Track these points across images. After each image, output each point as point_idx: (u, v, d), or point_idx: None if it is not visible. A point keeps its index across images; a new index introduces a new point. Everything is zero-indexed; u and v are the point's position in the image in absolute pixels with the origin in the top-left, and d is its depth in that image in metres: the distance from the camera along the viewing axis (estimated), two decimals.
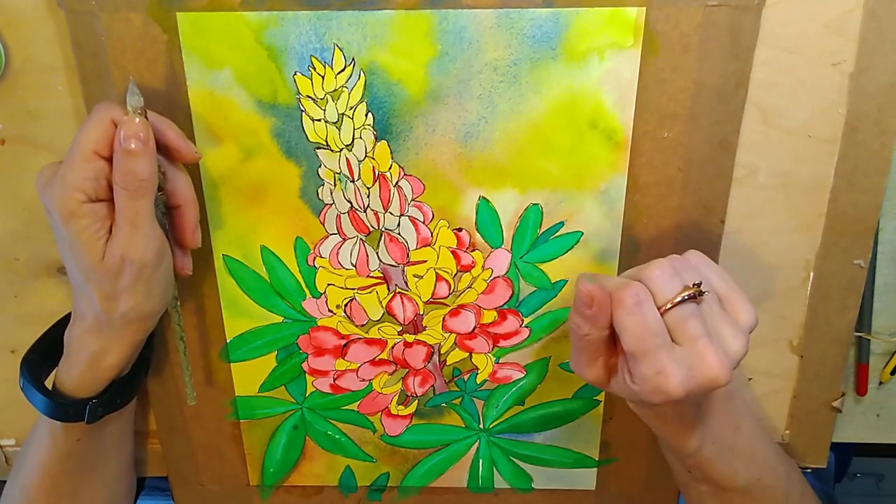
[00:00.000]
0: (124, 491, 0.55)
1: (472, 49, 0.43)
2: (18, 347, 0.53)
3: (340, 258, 0.49)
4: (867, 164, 0.46)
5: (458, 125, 0.45)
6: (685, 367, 0.37)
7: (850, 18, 0.43)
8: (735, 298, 0.40)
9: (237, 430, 0.55)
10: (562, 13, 0.42)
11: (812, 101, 0.45)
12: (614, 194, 0.47)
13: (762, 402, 0.54)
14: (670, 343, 0.37)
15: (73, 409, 0.46)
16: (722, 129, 0.45)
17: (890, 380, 0.54)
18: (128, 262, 0.40)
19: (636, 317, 0.37)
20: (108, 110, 0.39)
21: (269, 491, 0.58)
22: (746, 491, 0.46)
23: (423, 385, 0.53)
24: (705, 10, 0.42)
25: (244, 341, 0.52)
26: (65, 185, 0.39)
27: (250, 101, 0.45)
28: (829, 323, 0.51)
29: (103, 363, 0.45)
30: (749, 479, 0.46)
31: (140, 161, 0.39)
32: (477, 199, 0.47)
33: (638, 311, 0.37)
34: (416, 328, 0.51)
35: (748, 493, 0.46)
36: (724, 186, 0.46)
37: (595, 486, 0.57)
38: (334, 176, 0.47)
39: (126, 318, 0.43)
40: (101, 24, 0.42)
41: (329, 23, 0.42)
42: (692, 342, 0.37)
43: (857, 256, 0.49)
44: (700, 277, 0.39)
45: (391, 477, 0.57)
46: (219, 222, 0.48)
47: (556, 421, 0.55)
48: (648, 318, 0.37)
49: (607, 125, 0.45)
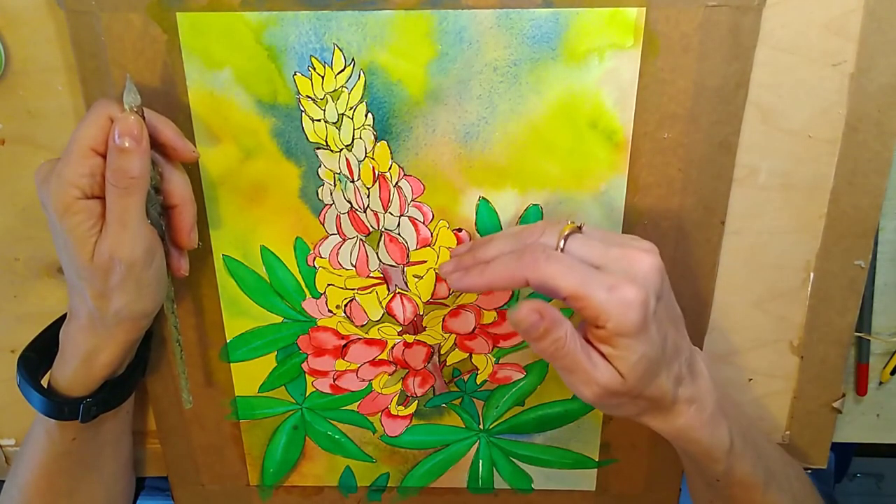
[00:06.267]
0: (123, 490, 0.55)
1: (472, 49, 0.43)
2: (18, 347, 0.53)
3: (340, 258, 0.49)
4: (867, 164, 0.46)
5: (458, 125, 0.45)
6: (623, 272, 0.37)
7: (850, 19, 0.43)
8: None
9: (237, 431, 0.55)
10: (562, 13, 0.42)
11: (812, 101, 0.45)
12: (614, 195, 0.47)
13: (762, 403, 0.54)
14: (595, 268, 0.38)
15: (68, 408, 0.46)
16: (722, 129, 0.45)
17: (890, 380, 0.54)
18: (116, 260, 0.40)
19: (554, 262, 0.37)
20: (106, 107, 0.39)
21: (268, 491, 0.58)
22: (766, 486, 0.45)
23: (423, 385, 0.53)
24: (705, 10, 0.42)
25: (244, 341, 0.52)
26: (61, 181, 0.39)
27: (250, 101, 0.45)
28: (830, 323, 0.51)
29: (97, 362, 0.45)
30: (765, 473, 0.45)
31: (132, 159, 0.39)
32: (477, 199, 0.47)
33: (552, 256, 0.37)
34: (416, 328, 0.51)
35: (768, 488, 0.45)
36: (724, 187, 0.46)
37: (595, 487, 0.57)
38: (334, 176, 0.47)
39: (118, 316, 0.43)
40: (101, 24, 0.42)
41: (329, 23, 0.42)
42: (607, 256, 0.38)
43: (858, 257, 0.49)
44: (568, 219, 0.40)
45: (391, 477, 0.57)
46: (218, 222, 0.48)
47: (556, 421, 0.55)
48: (564, 257, 0.37)
49: (607, 126, 0.45)
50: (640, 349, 0.37)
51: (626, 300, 0.36)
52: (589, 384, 0.39)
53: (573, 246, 0.39)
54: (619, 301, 0.36)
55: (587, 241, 0.39)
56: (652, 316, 0.37)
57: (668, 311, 0.40)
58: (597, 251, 0.38)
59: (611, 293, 0.36)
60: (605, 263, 0.38)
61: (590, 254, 0.38)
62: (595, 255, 0.38)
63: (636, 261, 0.38)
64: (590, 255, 0.38)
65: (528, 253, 0.38)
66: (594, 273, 0.37)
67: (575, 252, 0.38)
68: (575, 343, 0.38)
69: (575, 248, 0.39)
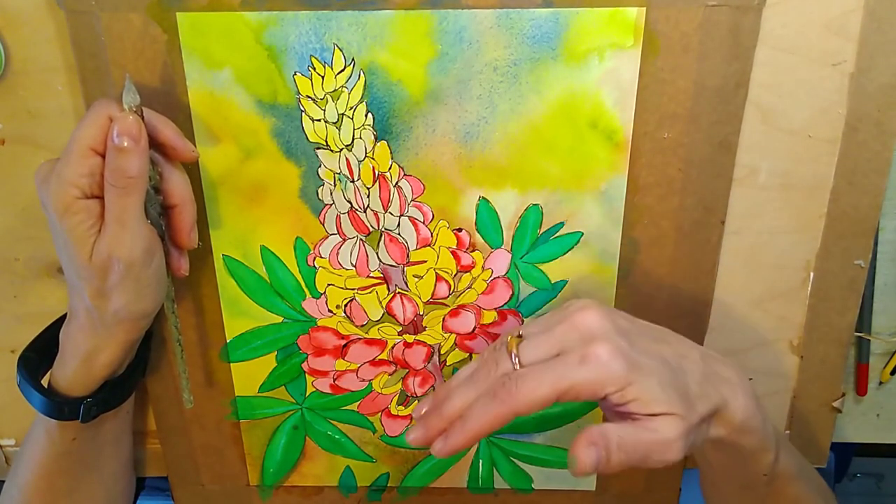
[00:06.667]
0: (123, 490, 0.55)
1: (472, 49, 0.43)
2: (18, 347, 0.53)
3: (340, 258, 0.49)
4: (867, 164, 0.46)
5: (458, 125, 0.45)
6: (579, 341, 0.37)
7: (850, 18, 0.43)
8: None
9: (237, 431, 0.55)
10: (562, 13, 0.42)
11: (812, 101, 0.45)
12: (614, 195, 0.47)
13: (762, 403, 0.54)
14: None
15: (68, 408, 0.46)
16: (722, 129, 0.45)
17: (890, 380, 0.54)
18: (115, 259, 0.40)
19: (525, 382, 0.36)
20: (105, 107, 0.39)
21: (268, 491, 0.58)
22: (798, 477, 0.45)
23: (423, 385, 0.53)
24: (705, 10, 0.42)
25: (244, 341, 0.52)
26: (60, 181, 0.39)
27: (250, 101, 0.45)
28: (830, 323, 0.51)
29: (96, 362, 0.45)
30: (797, 463, 0.45)
31: (131, 158, 0.39)
32: (477, 199, 0.47)
33: (520, 378, 0.36)
34: (416, 328, 0.51)
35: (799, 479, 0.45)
36: (724, 187, 0.46)
37: (595, 487, 0.57)
38: (334, 176, 0.47)
39: (118, 316, 0.43)
40: (101, 24, 0.42)
41: (329, 23, 0.42)
42: (556, 339, 0.37)
43: (858, 256, 0.49)
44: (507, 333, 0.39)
45: (391, 477, 0.57)
46: (218, 222, 0.48)
47: (556, 421, 0.55)
48: (529, 372, 0.37)
49: (607, 125, 0.45)
50: (651, 381, 0.36)
51: (601, 360, 0.36)
52: (668, 447, 0.37)
53: (526, 355, 0.38)
54: (596, 365, 0.36)
55: (533, 341, 0.38)
56: (631, 352, 0.37)
57: (645, 336, 0.39)
58: (546, 343, 0.38)
59: (585, 365, 0.36)
60: (561, 346, 0.37)
61: (543, 350, 0.38)
62: (547, 347, 0.38)
63: (580, 324, 0.37)
64: (544, 351, 0.38)
65: (498, 390, 0.37)
66: (560, 362, 0.36)
67: (532, 359, 0.37)
68: (629, 432, 0.37)
69: (529, 356, 0.38)
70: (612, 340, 0.36)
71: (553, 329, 0.38)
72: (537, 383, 0.36)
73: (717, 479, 0.48)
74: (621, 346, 0.36)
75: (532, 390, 0.36)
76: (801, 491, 0.45)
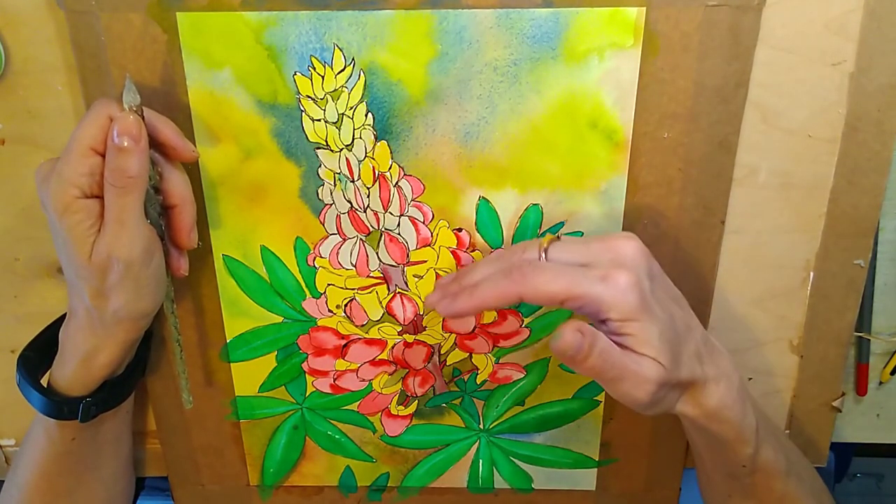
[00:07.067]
0: (122, 490, 0.55)
1: (472, 49, 0.43)
2: (18, 347, 0.53)
3: (340, 258, 0.49)
4: (867, 164, 0.46)
5: (458, 125, 0.45)
6: (609, 262, 0.37)
7: (850, 18, 0.43)
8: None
9: (237, 431, 0.55)
10: (562, 13, 0.42)
11: (812, 101, 0.45)
12: (614, 194, 0.47)
13: (762, 402, 0.54)
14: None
15: (68, 407, 0.46)
16: (722, 129, 0.45)
17: (890, 380, 0.54)
18: (114, 259, 0.40)
19: (542, 271, 0.37)
20: (105, 107, 0.39)
21: (269, 491, 0.58)
22: (787, 474, 0.45)
23: (423, 385, 0.53)
24: (705, 10, 0.42)
25: (244, 341, 0.52)
26: (60, 180, 0.39)
27: (250, 101, 0.45)
28: (829, 323, 0.51)
29: (96, 362, 0.45)
30: (786, 460, 0.45)
31: (130, 158, 0.39)
32: (477, 199, 0.47)
33: (538, 267, 0.37)
34: (416, 328, 0.51)
35: (788, 476, 0.45)
36: (724, 186, 0.46)
37: (595, 487, 0.57)
38: (334, 176, 0.47)
39: (117, 316, 0.43)
40: (101, 24, 0.42)
41: (329, 23, 0.42)
42: (589, 252, 0.38)
43: (857, 256, 0.49)
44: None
45: (391, 477, 0.57)
46: (218, 222, 0.48)
47: (556, 421, 0.55)
48: (550, 265, 0.38)
49: (607, 125, 0.45)
50: (654, 328, 0.37)
51: (620, 285, 0.37)
52: (640, 384, 0.38)
53: (555, 253, 0.39)
54: (614, 288, 0.37)
55: (567, 245, 0.39)
56: (650, 295, 0.38)
57: (665, 291, 0.40)
58: (579, 251, 0.39)
59: (604, 283, 0.37)
60: (590, 259, 0.38)
61: (573, 256, 0.39)
62: (578, 255, 0.39)
63: (619, 248, 0.38)
64: (573, 256, 0.39)
65: (514, 269, 0.38)
66: (583, 270, 0.37)
67: (558, 258, 0.39)
68: (615, 349, 0.37)
69: (557, 255, 0.39)
70: (638, 275, 0.37)
71: (590, 244, 0.39)
72: (552, 277, 0.37)
73: (706, 465, 0.49)
74: (643, 284, 0.37)
75: (544, 282, 0.37)
76: (789, 488, 0.45)
